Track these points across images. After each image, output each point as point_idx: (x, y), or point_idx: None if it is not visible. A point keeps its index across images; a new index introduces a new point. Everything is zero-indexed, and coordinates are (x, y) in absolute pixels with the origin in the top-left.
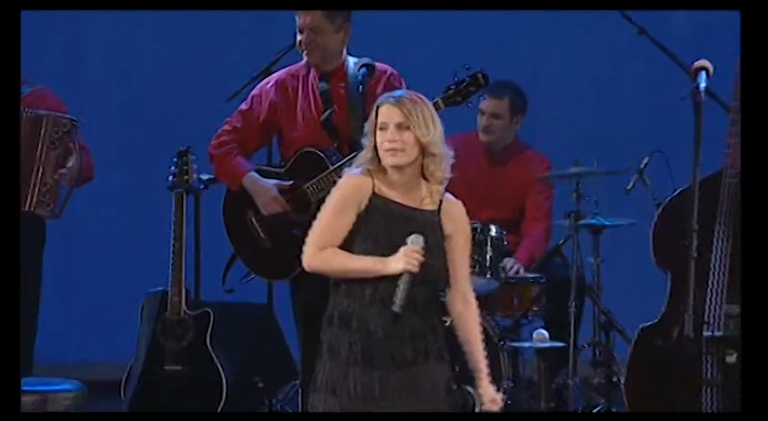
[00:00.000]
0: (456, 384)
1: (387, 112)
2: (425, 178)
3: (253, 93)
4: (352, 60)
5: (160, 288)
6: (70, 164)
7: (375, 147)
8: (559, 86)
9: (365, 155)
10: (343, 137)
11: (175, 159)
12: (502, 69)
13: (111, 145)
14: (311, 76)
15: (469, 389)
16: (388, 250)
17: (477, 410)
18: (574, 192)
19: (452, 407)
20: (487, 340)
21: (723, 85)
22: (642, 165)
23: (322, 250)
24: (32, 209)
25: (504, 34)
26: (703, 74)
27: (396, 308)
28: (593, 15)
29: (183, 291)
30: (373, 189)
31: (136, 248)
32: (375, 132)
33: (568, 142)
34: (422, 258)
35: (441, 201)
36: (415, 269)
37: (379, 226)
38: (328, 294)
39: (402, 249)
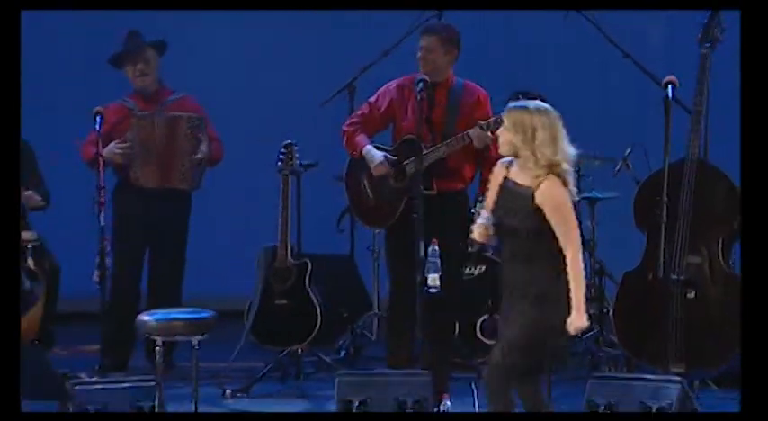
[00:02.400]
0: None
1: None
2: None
3: (380, 90)
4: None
5: (272, 243)
6: (203, 149)
7: None
8: (564, 89)
9: None
10: (438, 131)
11: (282, 149)
12: (513, 72)
13: (238, 137)
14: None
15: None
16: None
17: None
18: (575, 172)
19: (526, 336)
20: None
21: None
22: (626, 153)
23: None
24: (176, 185)
25: (512, 38)
26: (671, 86)
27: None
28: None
29: (288, 246)
30: (506, 173)
31: (255, 213)
32: None
33: (571, 135)
34: (479, 231)
35: (541, 181)
36: (478, 239)
37: (501, 197)
38: (412, 240)
39: None
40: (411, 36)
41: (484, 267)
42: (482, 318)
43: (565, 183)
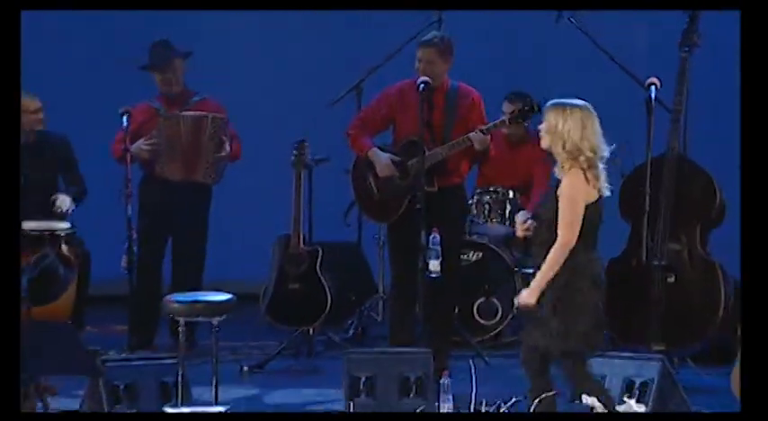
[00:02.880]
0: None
1: None
2: None
3: (380, 94)
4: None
5: (285, 232)
6: (227, 147)
7: None
8: (555, 89)
9: None
10: (437, 133)
11: (295, 145)
12: (510, 72)
13: (254, 134)
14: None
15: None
16: None
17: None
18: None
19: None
20: (507, 266)
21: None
22: (614, 146)
23: None
24: (200, 179)
25: (511, 38)
26: (653, 87)
27: None
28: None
29: (301, 234)
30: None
31: (270, 205)
32: None
33: None
34: (521, 227)
35: (565, 174)
36: (520, 234)
37: (545, 192)
38: (413, 234)
39: None
40: (414, 39)
41: (481, 254)
42: (479, 301)
43: (588, 179)
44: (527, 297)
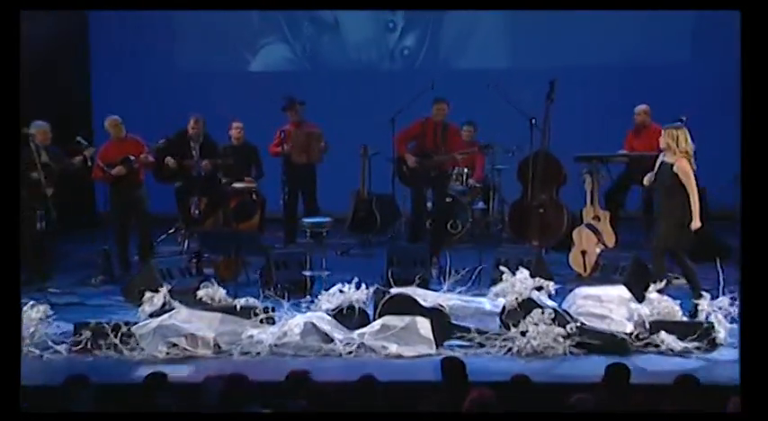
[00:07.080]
0: None
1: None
2: None
3: (410, 124)
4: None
5: (357, 187)
6: (323, 146)
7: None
8: (485, 117)
9: None
10: (438, 146)
11: (362, 146)
12: (458, 100)
13: (343, 140)
14: (433, 120)
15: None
16: None
17: None
18: (491, 155)
19: None
20: (463, 205)
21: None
22: (514, 148)
23: None
24: (314, 161)
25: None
26: (534, 119)
27: None
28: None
29: (364, 188)
30: None
31: (351, 174)
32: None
33: (488, 137)
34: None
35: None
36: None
37: None
38: (424, 190)
39: None
40: (422, 94)
41: (451, 199)
42: (449, 221)
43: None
44: (696, 224)
